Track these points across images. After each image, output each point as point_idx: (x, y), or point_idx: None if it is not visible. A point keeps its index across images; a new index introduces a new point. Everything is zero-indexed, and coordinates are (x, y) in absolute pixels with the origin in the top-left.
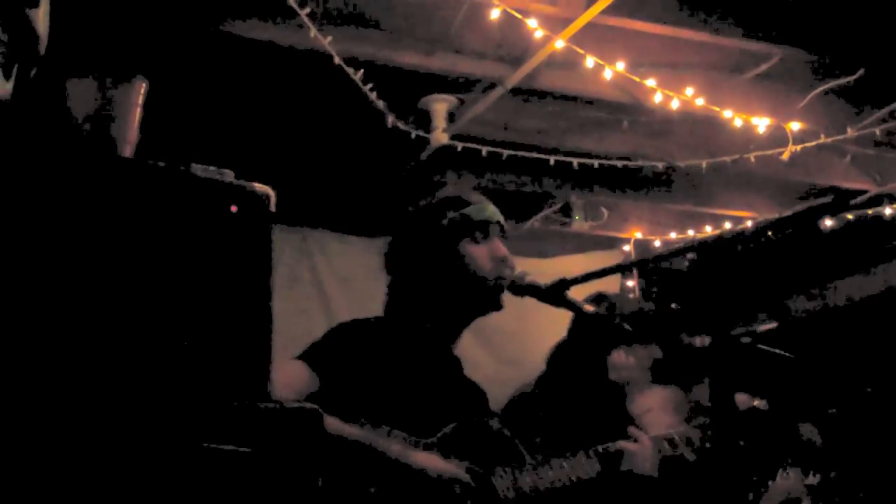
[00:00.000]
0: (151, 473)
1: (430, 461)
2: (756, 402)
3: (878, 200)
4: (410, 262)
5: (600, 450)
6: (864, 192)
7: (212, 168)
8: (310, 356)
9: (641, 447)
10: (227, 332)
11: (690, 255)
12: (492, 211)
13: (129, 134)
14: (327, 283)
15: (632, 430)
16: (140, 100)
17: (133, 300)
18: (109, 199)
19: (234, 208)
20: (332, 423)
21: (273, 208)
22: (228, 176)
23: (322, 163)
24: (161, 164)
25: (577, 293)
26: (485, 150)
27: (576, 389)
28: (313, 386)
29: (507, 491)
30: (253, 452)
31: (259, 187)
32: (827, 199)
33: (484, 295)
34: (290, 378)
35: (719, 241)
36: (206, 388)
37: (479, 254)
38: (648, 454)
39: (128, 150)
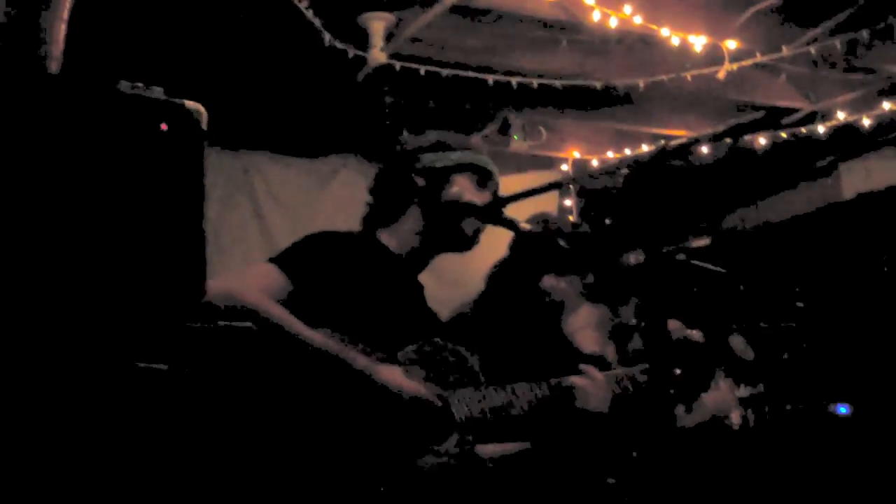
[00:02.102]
0: (80, 391)
1: (393, 377)
2: (690, 332)
3: (811, 118)
4: (400, 185)
5: (552, 382)
6: (798, 110)
7: (139, 85)
8: (283, 260)
9: (594, 384)
10: (160, 253)
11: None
12: (498, 177)
13: (54, 49)
14: (265, 204)
15: (584, 367)
16: (65, 14)
17: (59, 219)
18: (35, 116)
19: (164, 126)
20: (300, 329)
21: (205, 126)
22: (157, 93)
23: (258, 83)
24: (87, 80)
25: (517, 213)
26: (423, 69)
27: (514, 308)
28: (286, 289)
29: (462, 413)
30: (182, 371)
31: (190, 104)
32: (759, 115)
33: (460, 233)
34: (262, 280)
35: (653, 157)
36: (137, 306)
37: (470, 191)
38: (601, 392)
39: (54, 66)
